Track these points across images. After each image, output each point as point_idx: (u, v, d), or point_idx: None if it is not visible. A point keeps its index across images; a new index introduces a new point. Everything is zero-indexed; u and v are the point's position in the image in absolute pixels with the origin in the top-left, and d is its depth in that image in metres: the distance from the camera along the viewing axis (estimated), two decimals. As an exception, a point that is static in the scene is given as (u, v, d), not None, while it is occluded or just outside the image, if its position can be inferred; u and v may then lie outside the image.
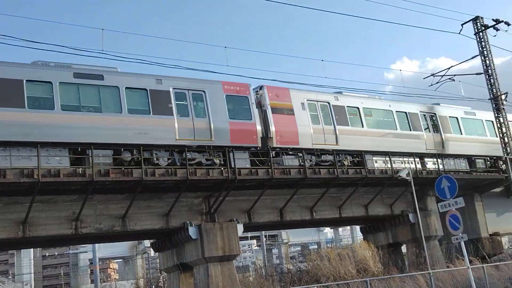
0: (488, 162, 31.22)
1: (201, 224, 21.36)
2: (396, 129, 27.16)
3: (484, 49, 29.38)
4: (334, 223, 40.65)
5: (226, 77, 22.78)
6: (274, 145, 22.70)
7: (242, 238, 50.28)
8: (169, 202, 20.97)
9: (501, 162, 30.48)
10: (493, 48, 29.68)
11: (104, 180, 18.40)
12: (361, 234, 33.33)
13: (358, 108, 26.15)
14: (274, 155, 22.74)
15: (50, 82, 18.72)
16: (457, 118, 30.50)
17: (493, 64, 29.39)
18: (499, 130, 29.21)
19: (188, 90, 21.35)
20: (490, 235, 31.44)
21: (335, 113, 25.13)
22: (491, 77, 29.25)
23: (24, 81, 18.15)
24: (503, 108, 29.13)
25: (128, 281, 52.13)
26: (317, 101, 24.94)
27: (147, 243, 46.83)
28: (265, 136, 22.72)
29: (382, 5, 25.33)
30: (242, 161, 21.81)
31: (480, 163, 30.92)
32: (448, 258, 26.28)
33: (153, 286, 30.47)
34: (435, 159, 28.16)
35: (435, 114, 29.45)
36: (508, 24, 29.15)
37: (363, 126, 26.04)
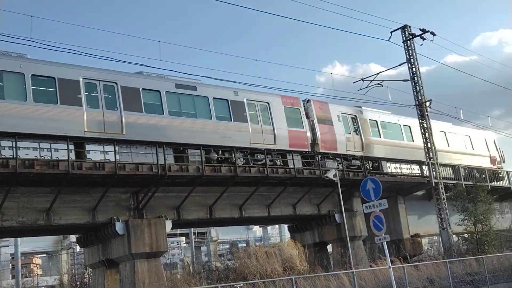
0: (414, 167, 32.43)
1: (129, 220, 21.05)
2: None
3: (411, 57, 30.43)
4: (263, 222, 41.07)
5: (158, 72, 22.80)
6: (320, 150, 26.82)
7: (170, 235, 49.88)
8: (96, 196, 20.53)
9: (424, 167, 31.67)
10: (420, 57, 30.85)
11: (28, 172, 17.85)
12: (289, 233, 33.85)
13: (376, 121, 30.74)
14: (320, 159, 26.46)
15: (158, 91, 22.04)
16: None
17: (419, 72, 30.51)
18: (423, 135, 30.35)
19: (256, 101, 25.17)
20: (411, 236, 32.48)
21: (361, 125, 29.77)
22: (417, 84, 30.34)
23: (141, 89, 21.57)
24: (427, 115, 30.30)
25: (51, 276, 50.58)
26: (347, 114, 29.36)
27: (72, 238, 45.69)
28: (313, 142, 26.81)
29: (316, 9, 25.87)
30: (296, 162, 25.17)
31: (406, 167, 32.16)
32: (372, 258, 27.05)
33: (78, 282, 29.77)
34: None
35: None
36: (434, 34, 30.34)
37: (380, 137, 30.73)
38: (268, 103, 25.52)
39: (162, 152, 20.78)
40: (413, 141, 32.56)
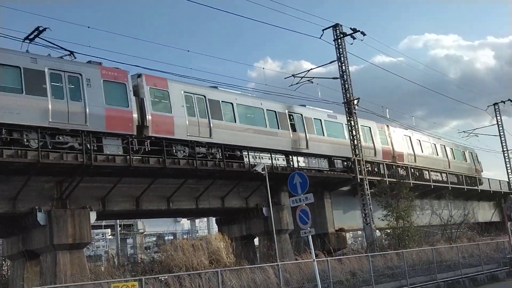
0: (345, 163, 33.09)
1: (51, 210, 20.40)
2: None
3: (341, 55, 31.00)
4: (191, 214, 40.82)
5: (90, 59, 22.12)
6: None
7: (96, 227, 48.82)
8: (17, 185, 19.72)
9: (350, 163, 32.39)
10: (349, 56, 31.46)
11: None
12: (217, 226, 33.87)
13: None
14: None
15: (231, 103, 26.70)
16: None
17: (349, 70, 31.15)
18: (350, 132, 31.05)
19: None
20: (336, 230, 33.22)
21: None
22: (346, 82, 30.98)
23: (220, 102, 25.91)
24: (355, 112, 31.01)
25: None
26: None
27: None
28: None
29: (249, 3, 25.76)
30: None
31: (338, 163, 32.81)
32: (297, 251, 27.45)
33: (-5, 275, 28.64)
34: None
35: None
36: (364, 34, 31.03)
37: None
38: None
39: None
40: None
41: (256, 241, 32.30)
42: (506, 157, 55.95)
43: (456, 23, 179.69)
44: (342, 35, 31.00)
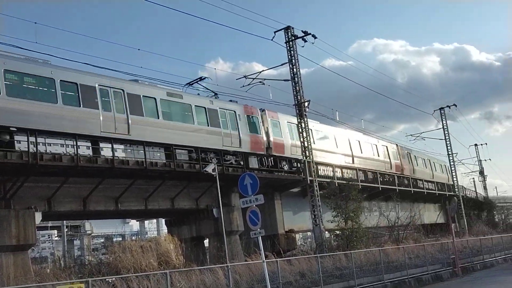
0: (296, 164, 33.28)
1: (-6, 210, 19.77)
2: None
3: (293, 57, 31.16)
4: (140, 215, 40.29)
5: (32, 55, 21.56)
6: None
7: (41, 228, 47.65)
8: (-43, 185, 19.08)
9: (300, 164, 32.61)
10: (301, 58, 31.69)
11: None
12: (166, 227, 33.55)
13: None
14: None
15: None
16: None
17: (300, 73, 31.36)
18: (300, 134, 31.27)
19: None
20: (286, 232, 33.34)
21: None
22: (297, 85, 31.15)
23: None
24: (305, 114, 31.27)
25: None
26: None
27: None
28: None
29: (202, 3, 25.52)
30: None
31: (282, 164, 32.92)
32: (247, 252, 27.45)
33: None
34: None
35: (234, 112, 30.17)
36: (315, 37, 31.25)
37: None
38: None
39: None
40: (208, 126, 28.00)
41: (206, 242, 32.14)
42: (451, 160, 57.62)
43: (403, 29, 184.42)
44: (293, 38, 31.17)
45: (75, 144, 21.33)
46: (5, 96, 19.56)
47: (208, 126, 27.93)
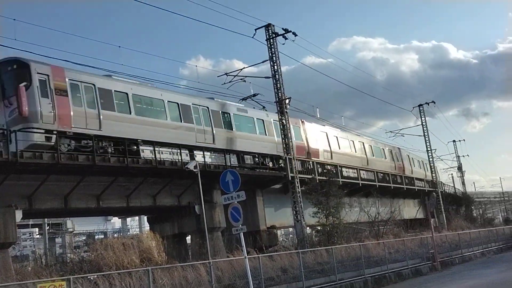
0: (275, 161, 33.45)
1: (-26, 208, 19.65)
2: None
3: (274, 55, 31.25)
4: (122, 213, 40.24)
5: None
6: None
7: (22, 226, 47.27)
8: None
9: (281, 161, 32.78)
10: (281, 56, 31.80)
11: None
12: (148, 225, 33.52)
13: (127, 94, 25.29)
14: None
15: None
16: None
17: (280, 70, 31.46)
18: (282, 131, 31.42)
19: None
20: (267, 228, 33.49)
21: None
22: (278, 82, 31.25)
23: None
24: (286, 112, 31.42)
25: None
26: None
27: None
28: None
29: (185, 1, 25.40)
30: None
31: (266, 161, 33.13)
32: (229, 249, 27.56)
33: None
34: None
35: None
36: (296, 35, 31.40)
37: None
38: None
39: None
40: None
41: (188, 239, 32.19)
42: (430, 156, 58.27)
43: (382, 27, 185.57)
44: (274, 35, 31.27)
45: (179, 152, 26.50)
46: (134, 115, 25.02)
47: (265, 135, 33.97)
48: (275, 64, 31.22)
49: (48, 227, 52.79)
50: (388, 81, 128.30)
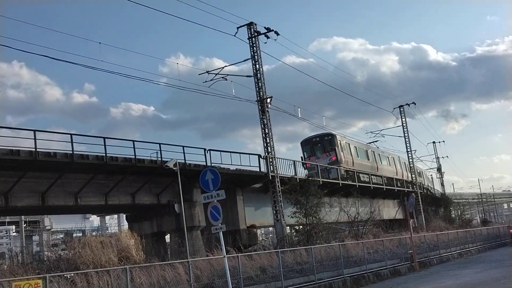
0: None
1: (-52, 205, 19.33)
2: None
3: (255, 54, 31.20)
4: (101, 211, 39.93)
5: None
6: None
7: (-2, 223, 46.64)
8: None
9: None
10: (263, 55, 31.74)
11: None
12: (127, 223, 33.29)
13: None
14: None
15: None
16: None
17: (262, 69, 31.42)
18: (263, 130, 31.35)
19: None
20: (247, 227, 33.44)
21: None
22: (260, 81, 31.21)
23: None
24: (268, 111, 31.35)
25: None
26: None
27: None
28: None
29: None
30: None
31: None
32: (209, 248, 27.45)
33: None
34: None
35: None
36: (278, 34, 31.38)
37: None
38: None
39: None
40: None
41: (167, 238, 32.01)
42: (409, 157, 58.72)
43: (362, 28, 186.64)
44: (256, 34, 31.21)
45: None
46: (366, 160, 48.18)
47: (389, 166, 59.04)
48: (257, 63, 31.15)
49: (25, 225, 52.26)
50: (369, 81, 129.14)
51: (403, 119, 57.83)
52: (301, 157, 45.94)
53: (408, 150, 58.08)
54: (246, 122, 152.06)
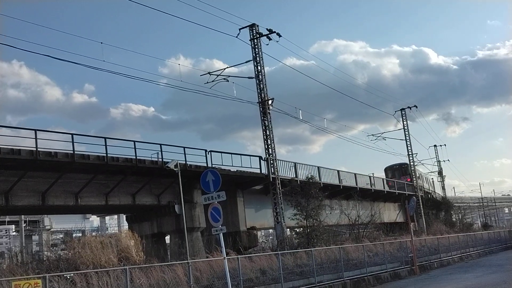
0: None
1: (-52, 204, 19.31)
2: None
3: (257, 55, 31.16)
4: (101, 211, 39.86)
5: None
6: None
7: (-2, 222, 46.61)
8: None
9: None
10: (265, 56, 31.70)
11: None
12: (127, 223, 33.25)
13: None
14: None
15: None
16: None
17: (264, 71, 31.38)
18: (264, 132, 31.30)
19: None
20: (247, 229, 33.42)
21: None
22: (261, 82, 31.17)
23: None
24: (269, 113, 31.28)
25: None
26: None
27: None
28: None
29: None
30: None
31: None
32: (209, 249, 27.40)
33: None
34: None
35: None
36: (280, 36, 31.33)
37: None
38: None
39: None
40: None
41: (167, 239, 31.96)
42: (411, 161, 58.62)
43: (363, 31, 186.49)
44: (258, 35, 31.19)
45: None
46: None
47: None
48: (259, 64, 31.12)
49: (25, 224, 52.18)
50: (369, 84, 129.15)
51: (405, 122, 57.77)
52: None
53: (409, 153, 58.00)
54: (246, 123, 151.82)
